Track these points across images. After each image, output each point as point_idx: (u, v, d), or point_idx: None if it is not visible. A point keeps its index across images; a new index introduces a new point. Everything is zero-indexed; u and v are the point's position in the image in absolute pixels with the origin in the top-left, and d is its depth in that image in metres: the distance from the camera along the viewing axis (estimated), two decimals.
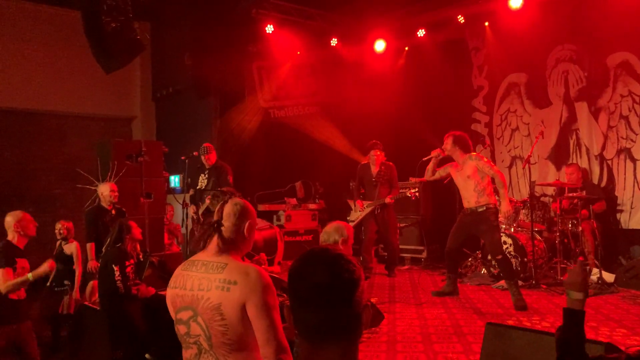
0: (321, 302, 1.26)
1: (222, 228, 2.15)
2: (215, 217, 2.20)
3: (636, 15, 6.81)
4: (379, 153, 7.29)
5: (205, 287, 2.03)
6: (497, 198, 5.69)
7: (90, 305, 4.88)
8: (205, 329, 2.02)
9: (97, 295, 4.85)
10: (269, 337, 1.97)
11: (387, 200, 7.16)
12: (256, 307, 1.97)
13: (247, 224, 2.20)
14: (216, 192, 3.94)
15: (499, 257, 5.53)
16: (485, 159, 5.70)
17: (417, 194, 7.25)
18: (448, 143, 5.80)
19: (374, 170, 7.33)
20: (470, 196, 5.63)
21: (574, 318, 1.73)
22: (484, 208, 5.55)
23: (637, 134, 7.07)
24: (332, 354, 1.28)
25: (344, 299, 1.27)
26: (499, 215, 5.61)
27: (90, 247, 5.65)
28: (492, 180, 5.65)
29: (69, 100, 9.47)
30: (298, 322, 1.30)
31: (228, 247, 2.14)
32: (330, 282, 1.27)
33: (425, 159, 5.96)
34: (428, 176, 6.04)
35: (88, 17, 5.80)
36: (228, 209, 2.19)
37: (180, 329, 2.10)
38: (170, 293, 2.15)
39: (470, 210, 5.65)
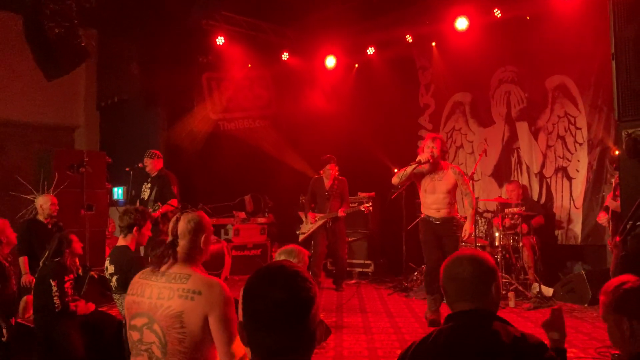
0: (277, 322, 1.24)
1: (178, 247, 2.24)
2: (169, 234, 2.28)
3: (572, 41, 7.18)
4: (334, 167, 7.33)
5: (165, 296, 2.11)
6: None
7: (24, 322, 4.64)
8: (162, 337, 2.07)
9: (31, 311, 4.60)
10: (228, 350, 2.07)
11: (340, 213, 7.20)
12: (219, 320, 2.07)
13: (202, 237, 2.30)
14: (128, 208, 3.91)
15: None
16: (465, 177, 5.51)
17: (370, 208, 7.34)
18: (438, 147, 5.30)
19: (327, 184, 7.37)
20: (443, 207, 5.36)
21: (563, 355, 2.01)
22: (456, 220, 5.40)
23: (572, 154, 7.42)
24: None
25: (301, 318, 1.26)
26: (462, 232, 5.45)
27: (23, 260, 5.38)
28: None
29: (7, 107, 9.06)
30: (252, 341, 1.27)
31: (186, 260, 2.23)
32: (286, 300, 1.24)
33: (414, 164, 5.32)
34: (401, 181, 5.46)
35: (30, 21, 5.60)
36: (182, 226, 2.27)
37: (133, 335, 2.14)
38: (127, 299, 2.22)
39: (443, 219, 5.34)
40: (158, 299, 2.11)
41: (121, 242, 3.82)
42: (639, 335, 1.84)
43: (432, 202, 5.41)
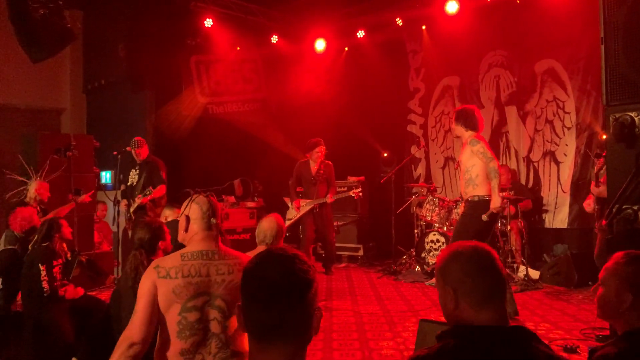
0: (273, 300, 1.25)
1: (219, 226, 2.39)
2: (207, 215, 2.35)
3: (561, 26, 7.19)
4: (323, 149, 7.23)
5: (226, 271, 2.24)
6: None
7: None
8: (226, 309, 2.20)
9: (19, 296, 4.59)
10: None
11: (329, 199, 7.17)
12: None
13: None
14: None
15: None
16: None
17: (360, 193, 7.32)
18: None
19: (314, 168, 7.32)
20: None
21: None
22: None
23: (560, 138, 7.47)
24: (280, 354, 1.27)
25: (296, 298, 1.27)
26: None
27: None
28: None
29: None
30: (249, 321, 1.29)
31: (217, 238, 2.35)
32: (283, 280, 1.27)
33: None
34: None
35: (14, 2, 5.48)
36: (214, 205, 2.39)
37: (191, 316, 2.17)
38: (176, 283, 2.18)
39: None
40: (217, 274, 2.22)
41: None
42: (638, 310, 1.82)
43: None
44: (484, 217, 4.75)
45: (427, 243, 6.99)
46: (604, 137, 6.18)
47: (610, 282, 1.88)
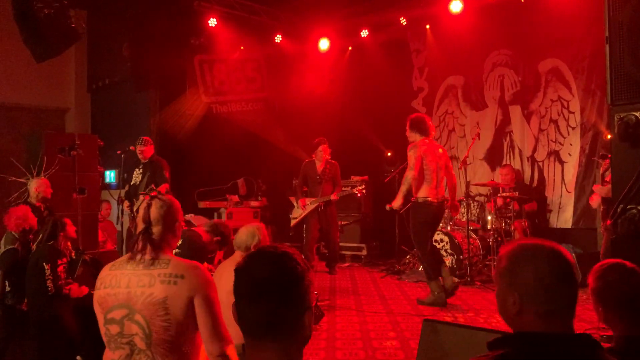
0: (260, 297, 1.28)
1: (153, 234, 2.14)
2: (139, 221, 2.18)
3: (566, 25, 7.17)
4: (327, 148, 7.28)
5: (146, 283, 2.03)
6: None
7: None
8: (145, 326, 2.00)
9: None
10: (214, 332, 2.03)
11: (333, 197, 7.20)
12: (203, 302, 2.03)
13: (176, 223, 2.23)
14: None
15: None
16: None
17: (363, 191, 7.35)
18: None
19: (319, 167, 7.35)
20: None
21: None
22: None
23: (565, 138, 7.45)
24: (273, 352, 1.28)
25: (284, 295, 1.28)
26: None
27: None
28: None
29: None
30: (241, 319, 1.31)
31: (161, 246, 2.15)
32: (268, 277, 1.29)
33: None
34: None
35: (19, 1, 5.51)
36: (155, 212, 2.16)
37: (112, 329, 2.05)
38: (99, 294, 2.12)
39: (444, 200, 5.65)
40: (138, 287, 2.03)
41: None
42: (610, 321, 1.95)
43: (437, 185, 5.60)
44: (387, 206, 5.69)
45: None
46: (609, 136, 6.17)
47: (591, 295, 2.02)
